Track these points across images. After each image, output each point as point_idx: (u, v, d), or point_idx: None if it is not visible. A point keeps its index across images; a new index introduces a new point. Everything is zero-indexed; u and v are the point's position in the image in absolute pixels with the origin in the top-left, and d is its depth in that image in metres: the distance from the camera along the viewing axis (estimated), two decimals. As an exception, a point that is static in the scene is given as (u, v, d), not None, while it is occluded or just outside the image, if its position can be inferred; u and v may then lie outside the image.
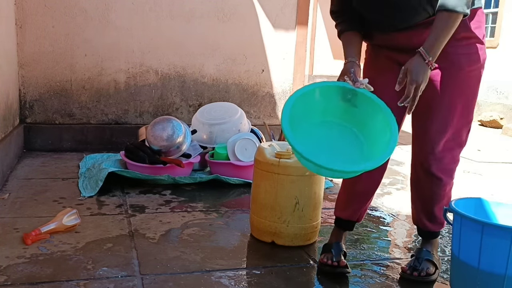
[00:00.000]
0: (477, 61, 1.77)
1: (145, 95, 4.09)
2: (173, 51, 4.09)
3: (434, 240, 2.01)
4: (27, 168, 3.36)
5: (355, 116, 1.76)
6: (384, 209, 2.86)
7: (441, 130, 1.81)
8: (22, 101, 3.85)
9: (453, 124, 1.81)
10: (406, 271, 1.94)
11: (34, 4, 3.75)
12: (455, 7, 1.59)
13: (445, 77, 1.76)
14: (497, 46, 7.12)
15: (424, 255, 1.95)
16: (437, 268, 1.96)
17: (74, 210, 2.29)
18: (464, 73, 1.76)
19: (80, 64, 3.91)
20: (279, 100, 4.42)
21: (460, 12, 1.60)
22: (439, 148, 1.83)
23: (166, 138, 3.08)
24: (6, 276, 1.80)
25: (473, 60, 1.76)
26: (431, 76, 1.72)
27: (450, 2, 1.60)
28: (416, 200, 1.99)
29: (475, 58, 1.76)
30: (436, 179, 1.87)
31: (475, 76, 1.79)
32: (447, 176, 1.88)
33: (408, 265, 1.96)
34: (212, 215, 2.61)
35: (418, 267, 1.92)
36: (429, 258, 1.95)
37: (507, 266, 1.62)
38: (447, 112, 1.79)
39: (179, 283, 1.83)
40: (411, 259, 1.99)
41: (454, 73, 1.75)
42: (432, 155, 1.84)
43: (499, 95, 6.96)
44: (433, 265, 1.95)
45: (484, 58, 1.80)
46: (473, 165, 4.24)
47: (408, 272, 1.92)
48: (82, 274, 1.84)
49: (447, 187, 1.91)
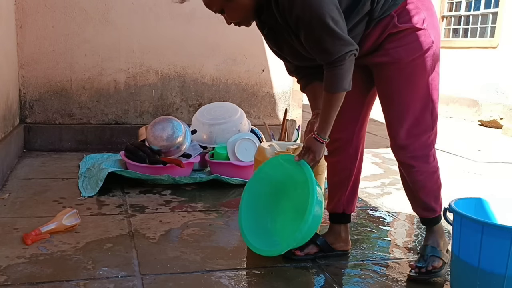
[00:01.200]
0: (418, 49, 1.80)
1: (145, 95, 4.09)
2: (173, 51, 4.09)
3: (436, 228, 2.01)
4: (27, 168, 3.36)
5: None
6: (384, 209, 2.86)
7: (399, 120, 1.88)
8: (22, 101, 3.85)
9: (410, 113, 1.86)
10: (414, 268, 1.95)
11: (34, 4, 3.75)
12: (332, 91, 1.76)
13: (390, 71, 1.84)
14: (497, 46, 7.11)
15: (428, 252, 1.96)
16: (444, 262, 1.97)
17: (74, 210, 2.29)
18: (405, 63, 1.82)
19: (80, 64, 3.91)
20: (279, 100, 4.42)
21: (335, 92, 1.76)
22: (401, 136, 1.89)
23: (166, 138, 3.08)
24: (6, 276, 1.80)
25: (412, 50, 1.80)
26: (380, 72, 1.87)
27: (327, 86, 1.76)
28: (405, 190, 2.04)
29: (414, 46, 1.80)
30: (408, 166, 1.93)
31: (420, 63, 1.82)
32: (419, 162, 1.91)
33: (415, 263, 1.96)
34: (212, 215, 2.61)
35: (423, 264, 1.93)
36: (434, 254, 1.96)
37: (507, 266, 1.62)
38: (399, 103, 1.87)
39: (179, 283, 1.83)
40: (418, 256, 2.00)
41: (397, 66, 1.82)
42: (396, 145, 1.92)
43: (499, 95, 6.95)
44: (439, 259, 1.96)
45: (429, 42, 1.81)
46: (473, 165, 4.24)
47: (416, 270, 1.93)
48: (82, 274, 1.84)
49: (424, 173, 1.93)
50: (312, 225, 1.91)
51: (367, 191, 3.22)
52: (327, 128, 1.83)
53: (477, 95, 7.33)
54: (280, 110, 4.41)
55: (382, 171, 3.84)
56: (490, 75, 7.13)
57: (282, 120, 3.72)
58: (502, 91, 6.94)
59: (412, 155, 1.91)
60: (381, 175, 3.70)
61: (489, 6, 7.59)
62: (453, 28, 8.21)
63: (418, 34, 1.80)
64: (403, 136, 1.89)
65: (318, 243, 2.10)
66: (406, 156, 1.91)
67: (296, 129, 3.78)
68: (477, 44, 7.53)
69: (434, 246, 1.98)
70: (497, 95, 7.01)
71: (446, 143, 5.21)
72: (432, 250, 1.97)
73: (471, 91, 7.45)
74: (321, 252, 2.10)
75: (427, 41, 1.81)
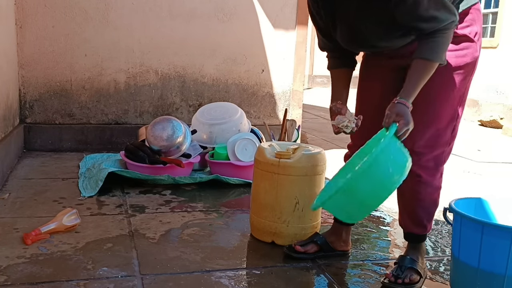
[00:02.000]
0: (465, 59, 1.77)
1: (145, 95, 4.09)
2: (173, 51, 4.09)
3: (419, 246, 1.96)
4: (27, 168, 3.35)
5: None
6: (384, 209, 2.86)
7: (424, 126, 1.80)
8: (22, 101, 3.85)
9: (437, 122, 1.81)
10: (390, 278, 1.87)
11: (34, 4, 3.75)
12: (431, 58, 1.65)
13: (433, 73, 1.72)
14: (497, 46, 7.11)
15: (407, 263, 1.90)
16: (421, 276, 1.90)
17: (74, 210, 2.29)
18: (450, 70, 1.77)
19: (80, 64, 3.91)
20: (279, 100, 4.42)
21: (435, 61, 1.65)
22: (420, 143, 1.82)
23: (166, 138, 3.08)
24: (6, 276, 1.80)
25: (460, 57, 1.77)
26: None
27: (426, 53, 1.65)
28: (399, 199, 1.98)
29: (463, 55, 1.77)
30: (415, 175, 1.82)
31: (462, 74, 1.79)
32: (427, 174, 1.85)
33: (391, 272, 1.90)
34: (212, 215, 2.61)
35: (400, 275, 1.86)
36: (413, 266, 1.89)
37: (507, 266, 1.62)
38: (432, 109, 1.80)
39: (179, 283, 1.83)
40: (394, 266, 1.94)
41: (441, 70, 1.72)
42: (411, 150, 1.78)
43: (499, 95, 6.95)
44: (417, 273, 1.89)
45: (475, 56, 1.79)
46: (473, 165, 4.24)
47: (392, 280, 1.86)
48: (82, 274, 1.84)
49: (428, 187, 1.87)
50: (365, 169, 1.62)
51: (367, 191, 3.21)
52: (413, 95, 1.66)
53: (477, 95, 7.33)
54: (280, 110, 4.41)
55: (382, 171, 3.83)
56: (490, 75, 7.13)
57: (282, 120, 3.72)
58: (502, 91, 6.94)
59: (424, 165, 1.84)
60: (381, 175, 3.69)
61: (489, 6, 7.59)
62: (453, 28, 8.21)
63: (467, 44, 1.77)
64: (422, 143, 1.82)
65: (318, 242, 2.09)
66: (418, 165, 1.81)
67: (296, 129, 3.78)
68: (477, 44, 7.52)
69: (414, 259, 1.91)
70: (497, 95, 7.01)
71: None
72: (412, 262, 1.90)
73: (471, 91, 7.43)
74: (321, 252, 2.10)
75: (474, 55, 1.78)
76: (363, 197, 1.62)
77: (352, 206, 1.65)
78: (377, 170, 1.59)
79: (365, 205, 1.66)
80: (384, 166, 1.59)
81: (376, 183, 1.61)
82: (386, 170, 1.59)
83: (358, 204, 1.64)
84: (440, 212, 1.97)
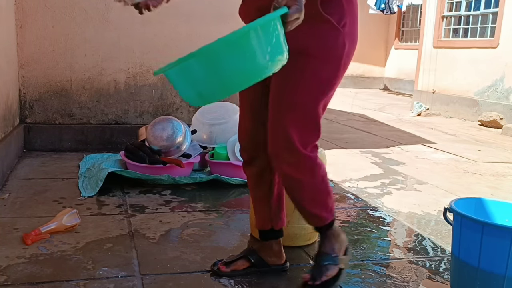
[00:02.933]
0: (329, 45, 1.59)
1: (145, 95, 4.09)
2: (173, 51, 4.09)
3: (329, 232, 1.80)
4: (27, 168, 3.36)
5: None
6: (384, 209, 2.86)
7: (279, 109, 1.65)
8: (22, 101, 3.85)
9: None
10: (308, 281, 1.77)
11: (34, 4, 3.75)
12: None
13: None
14: (497, 46, 7.11)
15: (322, 261, 1.79)
16: (340, 268, 1.79)
17: (74, 210, 2.29)
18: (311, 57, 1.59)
19: (80, 64, 3.91)
20: (279, 100, 4.41)
21: None
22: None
23: (166, 138, 3.09)
24: (6, 276, 1.80)
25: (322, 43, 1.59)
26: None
27: None
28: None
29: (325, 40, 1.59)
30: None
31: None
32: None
33: (309, 272, 1.82)
34: (212, 215, 2.61)
35: (316, 275, 1.76)
36: (329, 262, 1.78)
37: (507, 266, 1.62)
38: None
39: (179, 283, 1.83)
40: (312, 265, 1.85)
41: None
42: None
43: (499, 95, 6.95)
44: (334, 266, 1.78)
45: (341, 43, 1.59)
46: (473, 165, 4.24)
47: (310, 283, 1.76)
48: (82, 274, 1.84)
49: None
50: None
51: (367, 191, 3.22)
52: None
53: (477, 95, 7.33)
54: (280, 110, 4.40)
55: (382, 171, 3.84)
56: (490, 75, 7.13)
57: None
58: (502, 91, 6.94)
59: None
60: (381, 175, 3.69)
61: (489, 6, 7.59)
62: (453, 28, 8.21)
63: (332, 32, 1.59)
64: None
65: (251, 259, 1.95)
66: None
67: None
68: (477, 44, 7.53)
69: (329, 252, 1.79)
70: (497, 95, 7.01)
71: (446, 143, 5.22)
72: (327, 258, 1.79)
73: (471, 91, 7.45)
74: (254, 267, 1.94)
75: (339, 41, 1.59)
76: (224, 70, 1.31)
77: (207, 81, 1.32)
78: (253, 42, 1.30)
79: (223, 83, 1.33)
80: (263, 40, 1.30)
81: (247, 56, 1.31)
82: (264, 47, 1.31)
83: (215, 80, 1.32)
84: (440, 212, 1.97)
